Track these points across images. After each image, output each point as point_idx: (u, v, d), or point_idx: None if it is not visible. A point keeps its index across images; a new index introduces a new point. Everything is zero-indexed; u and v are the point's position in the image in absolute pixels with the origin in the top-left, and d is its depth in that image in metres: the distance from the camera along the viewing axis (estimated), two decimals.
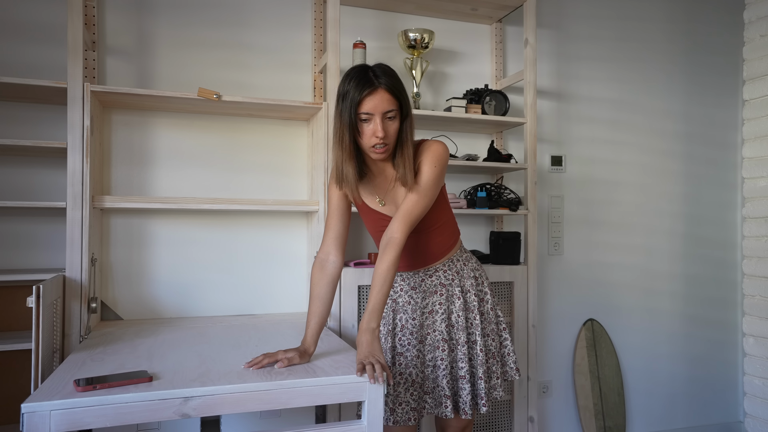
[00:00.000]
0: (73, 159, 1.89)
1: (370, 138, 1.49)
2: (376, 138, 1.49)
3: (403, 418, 1.63)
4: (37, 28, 2.13)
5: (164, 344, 1.73)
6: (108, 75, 2.21)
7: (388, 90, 1.48)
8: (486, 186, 2.52)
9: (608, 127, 2.97)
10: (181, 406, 1.25)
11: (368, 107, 1.47)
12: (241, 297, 2.35)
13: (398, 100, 1.51)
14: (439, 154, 1.58)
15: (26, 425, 1.15)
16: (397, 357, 1.68)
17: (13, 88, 1.92)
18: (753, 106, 3.15)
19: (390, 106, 1.48)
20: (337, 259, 1.66)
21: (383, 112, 1.48)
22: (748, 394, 3.13)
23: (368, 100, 1.47)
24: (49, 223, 2.13)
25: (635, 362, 3.00)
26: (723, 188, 3.22)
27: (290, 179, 2.43)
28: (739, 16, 3.24)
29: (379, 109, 1.47)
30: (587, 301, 2.91)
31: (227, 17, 2.37)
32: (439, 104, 2.65)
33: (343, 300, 2.13)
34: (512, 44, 2.79)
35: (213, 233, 2.32)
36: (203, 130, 2.32)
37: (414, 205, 1.55)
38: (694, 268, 3.15)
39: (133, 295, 2.22)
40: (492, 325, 1.75)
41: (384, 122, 1.49)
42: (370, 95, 1.47)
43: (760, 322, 3.06)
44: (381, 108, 1.47)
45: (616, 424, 2.85)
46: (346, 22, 2.50)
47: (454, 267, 1.73)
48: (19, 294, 2.07)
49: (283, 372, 1.41)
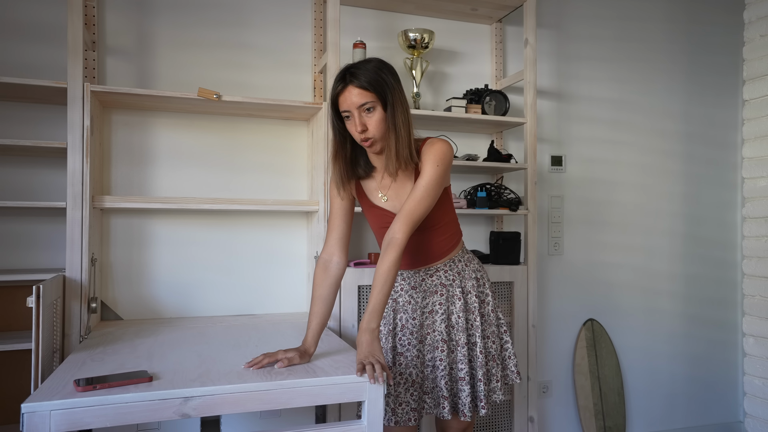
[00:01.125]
0: (73, 159, 1.89)
1: (355, 134, 1.53)
2: (358, 133, 1.52)
3: (403, 419, 1.63)
4: (37, 28, 2.13)
5: (164, 344, 1.73)
6: (108, 75, 2.21)
7: (357, 85, 1.50)
8: (486, 186, 2.52)
9: (608, 127, 2.97)
10: (181, 406, 1.25)
11: (343, 105, 1.52)
12: (241, 297, 2.35)
13: (374, 92, 1.50)
14: (443, 153, 1.58)
15: (26, 425, 1.15)
16: (397, 357, 1.68)
17: (13, 88, 1.92)
18: (753, 106, 3.15)
19: (363, 99, 1.50)
20: (340, 260, 1.67)
21: (358, 107, 1.50)
22: (748, 394, 3.13)
23: (341, 99, 1.52)
24: (49, 223, 2.13)
25: (635, 362, 3.00)
26: (723, 188, 3.22)
27: (290, 179, 2.43)
28: (739, 16, 3.24)
29: (352, 105, 1.50)
30: (587, 301, 2.91)
31: (227, 17, 2.37)
32: (439, 104, 2.65)
33: (343, 300, 2.13)
34: (512, 44, 2.79)
35: (213, 233, 2.32)
36: (203, 130, 2.32)
37: (416, 205, 1.54)
38: (694, 268, 3.15)
39: (133, 295, 2.22)
40: (493, 327, 1.74)
41: (362, 116, 1.51)
42: (341, 93, 1.52)
43: (760, 322, 3.06)
44: (354, 103, 1.50)
45: (616, 424, 2.85)
46: (346, 22, 2.50)
47: (455, 267, 1.72)
48: (19, 294, 2.07)
49: (283, 372, 1.41)
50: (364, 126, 1.51)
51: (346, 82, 1.51)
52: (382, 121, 1.52)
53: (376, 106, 1.51)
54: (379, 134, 1.53)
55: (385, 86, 1.52)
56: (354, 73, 1.51)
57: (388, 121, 1.53)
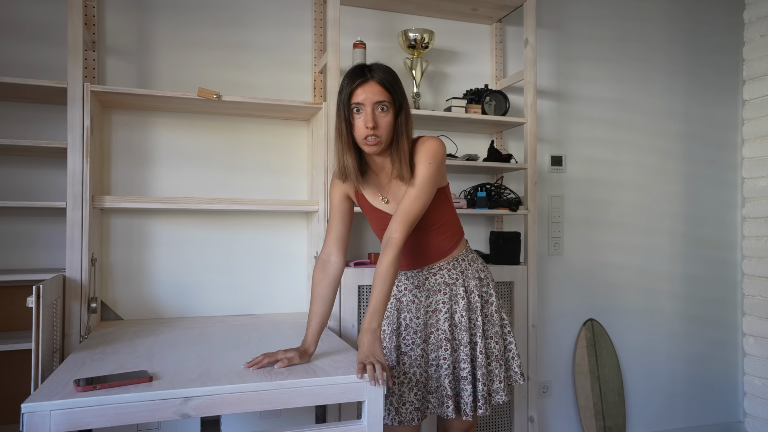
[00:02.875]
0: (73, 159, 1.89)
1: (362, 129, 1.52)
2: (367, 129, 1.51)
3: (407, 418, 1.62)
4: (37, 28, 2.13)
5: (164, 344, 1.73)
6: (108, 75, 2.21)
7: (379, 82, 1.51)
8: (486, 186, 2.52)
9: (608, 127, 2.97)
10: (181, 406, 1.25)
11: (360, 97, 1.51)
12: (241, 297, 2.35)
13: (391, 94, 1.52)
14: (434, 150, 1.58)
15: (26, 425, 1.15)
16: (401, 356, 1.68)
17: (13, 88, 1.92)
18: (753, 106, 3.15)
19: (381, 97, 1.51)
20: (338, 260, 1.67)
21: (374, 103, 1.51)
22: (748, 394, 3.13)
23: (360, 91, 1.51)
24: (49, 223, 2.13)
25: (635, 362, 3.00)
26: (723, 188, 3.22)
27: (290, 179, 2.43)
28: (739, 16, 3.24)
29: (370, 99, 1.50)
30: (587, 301, 2.91)
31: (227, 17, 2.37)
32: (439, 104, 2.65)
33: (343, 300, 2.13)
34: (512, 44, 2.79)
35: (213, 233, 2.32)
36: (203, 130, 2.32)
37: (411, 204, 1.54)
38: (694, 268, 3.15)
39: (133, 295, 2.22)
40: (496, 328, 1.73)
41: (375, 113, 1.51)
42: (361, 86, 1.51)
43: (760, 322, 3.06)
44: (372, 98, 1.50)
45: (616, 424, 2.85)
46: (346, 22, 2.50)
47: (458, 266, 1.72)
48: (19, 294, 2.07)
49: (283, 372, 1.41)
50: (375, 123, 1.51)
51: (367, 76, 1.52)
52: (391, 125, 1.53)
53: (390, 108, 1.53)
54: (385, 135, 1.53)
55: (400, 91, 1.55)
56: (375, 70, 1.53)
57: (400, 126, 1.55)
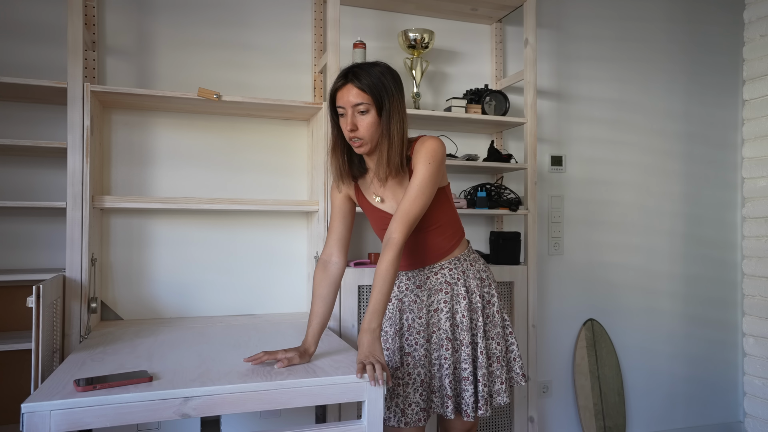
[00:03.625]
0: (73, 159, 1.89)
1: (346, 132, 1.55)
2: (348, 131, 1.53)
3: (413, 419, 1.62)
4: (37, 28, 2.13)
5: (164, 344, 1.73)
6: (108, 75, 2.21)
7: (356, 85, 1.51)
8: (486, 186, 2.52)
9: (608, 127, 2.97)
10: (181, 406, 1.25)
11: (339, 102, 1.54)
12: (241, 297, 2.35)
13: (371, 95, 1.52)
14: (433, 150, 1.58)
15: (26, 425, 1.15)
16: (405, 357, 1.67)
17: (13, 88, 1.92)
18: (753, 106, 3.15)
19: (359, 99, 1.51)
20: (339, 261, 1.68)
21: (353, 106, 1.52)
22: (748, 394, 3.13)
23: (339, 95, 1.55)
24: (49, 223, 2.13)
25: (635, 362, 3.00)
26: (723, 188, 3.22)
27: (290, 179, 2.43)
28: (739, 16, 3.24)
29: (349, 103, 1.52)
30: (587, 301, 2.91)
31: (227, 17, 2.37)
32: (439, 104, 2.65)
33: (343, 300, 2.13)
34: (512, 44, 2.79)
35: (213, 233, 2.32)
36: (203, 130, 2.32)
37: (411, 204, 1.54)
38: (694, 268, 3.15)
39: (133, 295, 2.22)
40: (497, 329, 1.72)
41: (355, 116, 1.53)
42: (339, 90, 1.54)
43: (760, 322, 3.06)
44: (351, 101, 1.52)
45: (616, 424, 2.85)
46: (346, 22, 2.50)
47: (460, 266, 1.71)
48: (19, 294, 2.07)
49: (283, 372, 1.41)
50: (354, 126, 1.53)
51: (347, 79, 1.53)
52: (373, 125, 1.53)
53: (370, 110, 1.52)
54: (368, 137, 1.54)
55: (383, 92, 1.53)
56: (356, 73, 1.52)
57: (382, 127, 1.54)
